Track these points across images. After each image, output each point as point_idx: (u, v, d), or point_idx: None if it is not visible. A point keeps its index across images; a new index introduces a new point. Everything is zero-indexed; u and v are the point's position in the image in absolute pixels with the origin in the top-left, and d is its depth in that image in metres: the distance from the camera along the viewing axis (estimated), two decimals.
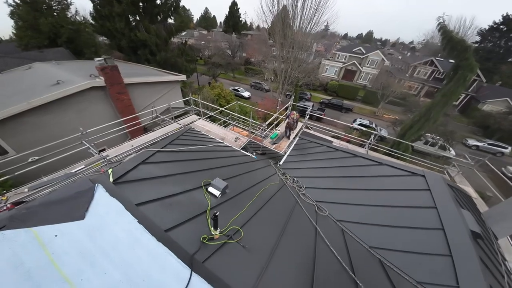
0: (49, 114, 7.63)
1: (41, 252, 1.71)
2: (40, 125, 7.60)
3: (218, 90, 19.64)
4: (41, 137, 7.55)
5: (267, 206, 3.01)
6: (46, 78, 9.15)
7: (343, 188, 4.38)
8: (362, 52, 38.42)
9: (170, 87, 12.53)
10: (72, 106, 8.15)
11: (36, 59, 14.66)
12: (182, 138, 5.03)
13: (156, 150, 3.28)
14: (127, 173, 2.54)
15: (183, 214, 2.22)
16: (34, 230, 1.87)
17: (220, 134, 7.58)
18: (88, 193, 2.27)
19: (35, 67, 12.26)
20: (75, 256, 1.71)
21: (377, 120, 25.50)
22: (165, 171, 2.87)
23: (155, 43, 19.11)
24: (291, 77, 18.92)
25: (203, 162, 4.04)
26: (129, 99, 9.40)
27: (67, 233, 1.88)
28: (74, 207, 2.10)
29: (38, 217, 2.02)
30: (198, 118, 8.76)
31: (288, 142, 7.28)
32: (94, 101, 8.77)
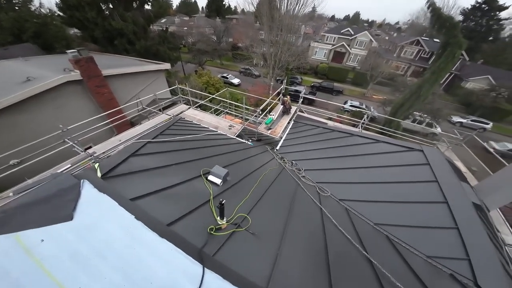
0: (23, 113, 7.00)
1: (27, 258, 1.52)
2: (16, 125, 6.99)
3: (206, 78, 18.83)
4: (21, 139, 6.96)
5: (270, 191, 2.92)
6: (14, 76, 8.27)
7: (342, 167, 4.37)
8: (351, 33, 37.76)
9: (154, 77, 11.82)
10: (48, 103, 7.50)
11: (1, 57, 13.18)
12: (173, 128, 4.76)
13: (146, 141, 3.04)
14: (117, 167, 2.33)
15: (184, 205, 2.06)
16: (16, 235, 1.67)
17: (213, 122, 7.30)
18: (74, 190, 2.04)
19: (0, 66, 11.06)
20: (67, 261, 1.53)
21: (367, 101, 25.76)
22: (158, 162, 2.67)
23: (132, 32, 17.70)
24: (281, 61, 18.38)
25: (198, 151, 3.85)
26: (110, 92, 8.77)
27: (54, 236, 1.68)
28: (60, 207, 1.88)
29: (18, 221, 1.80)
30: (187, 108, 8.37)
31: (283, 127, 7.15)
32: (72, 96, 8.11)
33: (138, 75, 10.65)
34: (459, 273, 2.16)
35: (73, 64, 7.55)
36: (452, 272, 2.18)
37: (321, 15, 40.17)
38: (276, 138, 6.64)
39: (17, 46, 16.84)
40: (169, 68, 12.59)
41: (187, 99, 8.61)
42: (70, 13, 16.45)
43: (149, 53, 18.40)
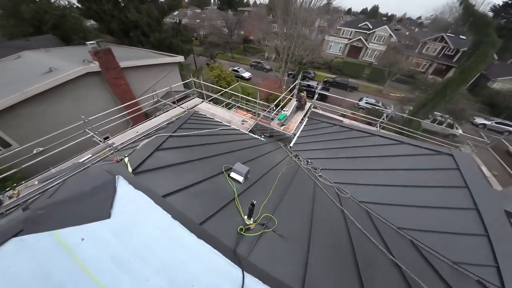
0: (45, 103, 7.29)
1: (70, 259, 1.46)
2: (38, 115, 7.30)
3: (217, 71, 18.72)
4: (41, 128, 7.30)
5: (290, 190, 2.85)
6: (38, 67, 8.59)
7: (361, 168, 4.21)
8: (369, 27, 35.93)
9: (168, 69, 11.89)
10: (68, 94, 7.75)
11: (23, 48, 13.75)
12: (190, 122, 4.76)
13: (168, 135, 3.03)
14: (144, 162, 2.29)
15: (211, 203, 2.01)
16: (56, 234, 1.61)
17: (226, 117, 7.26)
18: (109, 186, 1.96)
19: (24, 56, 11.55)
20: (109, 263, 1.46)
21: (384, 98, 24.65)
22: (181, 157, 2.65)
23: (147, 24, 17.81)
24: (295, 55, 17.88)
25: (215, 146, 3.82)
26: (127, 84, 8.92)
27: (94, 235, 1.62)
28: (97, 204, 1.83)
29: (57, 218, 1.75)
30: (201, 101, 8.36)
31: (297, 123, 6.99)
32: (91, 87, 8.32)
33: (153, 68, 10.75)
34: (487, 280, 2.05)
35: (92, 56, 7.71)
36: (479, 279, 2.09)
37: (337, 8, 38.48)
38: (289, 135, 6.51)
39: (38, 38, 17.50)
40: (182, 60, 12.61)
41: (201, 92, 8.59)
42: (88, 5, 16.76)
43: (162, 46, 18.51)
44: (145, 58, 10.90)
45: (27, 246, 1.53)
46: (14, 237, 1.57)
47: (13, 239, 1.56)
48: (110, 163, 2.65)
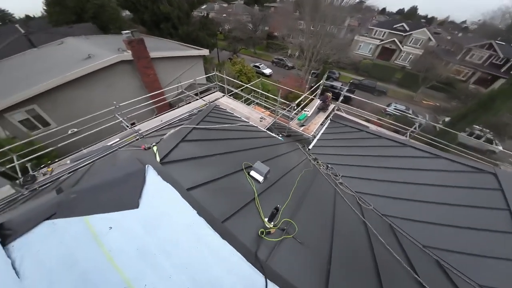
0: (82, 88, 7.89)
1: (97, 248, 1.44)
2: (75, 99, 7.94)
3: (239, 66, 18.79)
4: (77, 111, 7.95)
5: (309, 195, 2.76)
6: (78, 53, 9.31)
7: (387, 180, 3.93)
8: (405, 29, 33.22)
9: (194, 62, 12.19)
10: (102, 80, 8.31)
11: (66, 35, 15.04)
12: (211, 115, 4.83)
13: (192, 127, 3.08)
14: (170, 152, 2.29)
15: (232, 202, 1.98)
16: (86, 220, 1.60)
17: (245, 113, 7.25)
18: (139, 175, 1.91)
19: (67, 42, 12.60)
20: (134, 255, 1.43)
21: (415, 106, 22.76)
22: (203, 150, 2.68)
23: (177, 16, 18.37)
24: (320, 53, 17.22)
25: (234, 142, 3.83)
26: (155, 74, 9.33)
27: (121, 225, 1.58)
28: (126, 193, 1.79)
29: (88, 204, 1.74)
30: (222, 95, 8.44)
31: (318, 125, 6.74)
32: (123, 75, 8.84)
33: (180, 60, 11.08)
34: None
35: (126, 45, 8.15)
36: None
37: (370, 7, 35.93)
38: (308, 137, 6.31)
39: (80, 25, 18.97)
40: (207, 54, 12.84)
41: (223, 87, 8.68)
42: None
43: (189, 39, 18.98)
44: (173, 49, 11.29)
45: (58, 231, 1.54)
46: (47, 220, 1.59)
47: (45, 222, 1.57)
48: (137, 149, 2.76)
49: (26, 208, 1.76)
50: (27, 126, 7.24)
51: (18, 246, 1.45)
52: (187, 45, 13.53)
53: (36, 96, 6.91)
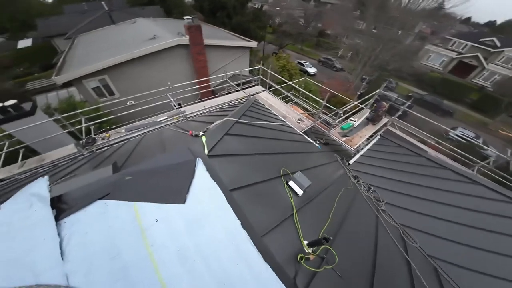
0: (144, 65, 8.80)
1: (141, 241, 1.35)
2: (136, 74, 8.92)
3: (283, 62, 18.30)
4: (136, 85, 8.96)
5: (348, 219, 2.47)
6: (146, 33, 10.33)
7: (441, 217, 3.30)
8: (495, 44, 27.02)
9: (241, 53, 12.34)
10: (161, 61, 9.10)
11: (139, 15, 16.97)
12: (250, 109, 4.77)
13: (235, 121, 3.06)
14: (216, 145, 2.19)
15: (271, 214, 1.83)
16: (136, 207, 1.52)
17: (282, 111, 7.00)
18: (189, 168, 1.78)
19: (138, 22, 14.12)
20: (174, 255, 1.33)
21: (488, 135, 18.68)
22: (243, 147, 2.61)
23: (233, 6, 18.80)
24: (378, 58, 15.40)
25: (270, 142, 3.68)
26: (206, 61, 9.77)
27: (166, 219, 1.47)
28: (175, 185, 1.68)
29: (139, 189, 1.65)
30: (262, 90, 8.34)
31: (364, 138, 6.07)
32: (178, 58, 9.53)
33: (228, 49, 11.35)
34: None
35: (186, 30, 8.68)
36: None
37: (450, 14, 29.84)
38: (349, 149, 5.75)
39: (149, 7, 21.15)
40: (255, 46, 12.83)
41: (265, 81, 8.56)
42: None
43: (240, 29, 19.31)
44: (224, 38, 11.59)
45: (109, 213, 1.50)
46: (100, 199, 1.56)
47: (99, 202, 1.55)
48: (184, 133, 2.87)
49: (82, 181, 1.80)
50: (97, 93, 8.51)
51: (69, 224, 1.44)
52: (238, 36, 13.72)
53: (108, 68, 8.00)
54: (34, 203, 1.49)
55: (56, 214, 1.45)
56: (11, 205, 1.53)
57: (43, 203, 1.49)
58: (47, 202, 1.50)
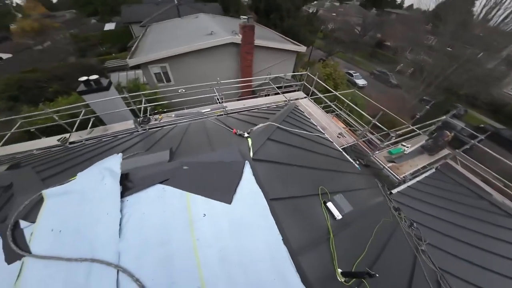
0: (199, 58, 9.51)
1: (188, 233, 1.36)
2: (190, 66, 9.69)
3: (330, 70, 17.37)
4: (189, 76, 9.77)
5: (384, 253, 2.16)
6: (205, 28, 11.13)
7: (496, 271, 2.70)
8: None
9: (287, 56, 12.21)
10: (213, 56, 9.70)
11: (201, 10, 18.48)
12: (290, 116, 4.63)
13: (276, 126, 3.00)
14: (259, 149, 2.15)
15: (307, 233, 1.71)
16: (188, 197, 1.55)
17: (322, 121, 6.60)
18: (238, 168, 1.80)
19: (200, 17, 15.33)
20: (216, 255, 1.30)
21: None
22: (282, 155, 2.54)
23: (287, 9, 18.78)
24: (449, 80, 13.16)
25: (307, 154, 3.47)
26: (252, 60, 9.99)
27: (213, 216, 1.47)
28: (224, 183, 1.69)
29: (192, 181, 1.68)
30: (304, 96, 8.03)
31: (414, 168, 5.28)
32: (227, 55, 10.00)
33: (275, 51, 11.34)
34: None
35: (240, 28, 9.03)
36: None
37: None
38: (394, 178, 5.07)
39: (210, 4, 22.79)
40: (303, 51, 12.53)
41: (306, 87, 8.23)
42: None
43: (291, 32, 19.16)
44: (274, 40, 11.64)
45: (165, 198, 1.54)
46: (160, 183, 1.62)
47: (158, 185, 1.60)
48: (228, 129, 2.93)
49: (143, 161, 1.92)
50: (157, 78, 9.61)
51: (131, 202, 1.50)
52: (287, 39, 13.62)
53: (170, 57, 8.93)
54: (106, 177, 1.64)
55: (121, 191, 1.56)
56: (86, 175, 1.71)
57: (114, 178, 1.62)
58: (118, 178, 1.62)
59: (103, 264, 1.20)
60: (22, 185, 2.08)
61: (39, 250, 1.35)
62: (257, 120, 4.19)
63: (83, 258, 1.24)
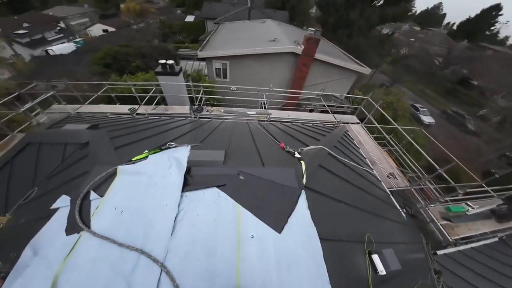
0: (258, 62, 9.92)
1: (234, 252, 1.30)
2: (249, 67, 10.17)
3: (393, 98, 15.55)
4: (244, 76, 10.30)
5: None
6: (269, 34, 11.50)
7: None
8: None
9: (346, 75, 11.50)
10: (271, 62, 9.98)
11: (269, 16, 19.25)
12: (340, 141, 4.30)
13: (327, 152, 2.79)
14: (311, 176, 1.97)
15: (346, 282, 1.53)
16: (239, 211, 1.49)
17: (372, 155, 5.90)
18: (293, 196, 1.65)
19: (267, 22, 15.96)
20: (258, 285, 1.21)
21: None
22: (331, 188, 2.29)
23: (359, 27, 17.80)
24: None
25: (354, 191, 3.11)
26: (307, 73, 9.83)
27: (261, 240, 1.36)
28: (276, 209, 1.57)
29: (246, 194, 1.62)
30: (356, 122, 7.37)
31: (475, 232, 4.26)
32: (284, 64, 10.12)
33: (334, 68, 10.83)
34: None
35: (304, 40, 9.00)
36: None
37: None
38: (444, 237, 4.17)
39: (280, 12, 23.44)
40: (367, 73, 11.63)
41: (363, 113, 7.52)
42: None
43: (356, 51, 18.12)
44: (336, 57, 11.15)
45: (219, 204, 1.51)
46: (217, 187, 1.60)
47: (215, 189, 1.59)
48: (275, 141, 2.83)
49: (200, 156, 1.96)
50: (216, 73, 10.50)
51: (188, 199, 1.51)
52: (351, 57, 12.87)
53: (233, 56, 9.60)
54: (173, 166, 1.73)
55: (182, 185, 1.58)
56: (157, 159, 1.81)
57: (180, 170, 1.69)
58: (183, 171, 1.67)
59: (150, 259, 1.20)
60: (97, 148, 2.36)
61: (98, 226, 1.39)
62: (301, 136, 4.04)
63: (134, 247, 1.25)
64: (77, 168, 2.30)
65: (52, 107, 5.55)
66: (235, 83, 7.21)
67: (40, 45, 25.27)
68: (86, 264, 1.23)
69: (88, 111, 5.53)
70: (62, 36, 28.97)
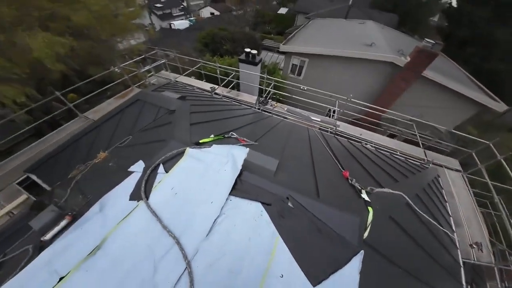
0: (342, 65, 8.84)
1: (258, 282, 1.23)
2: (331, 69, 9.20)
3: None
4: (321, 77, 9.49)
5: None
6: (367, 37, 9.89)
7: None
8: None
9: (461, 105, 8.54)
10: (357, 68, 8.65)
11: (371, 18, 16.58)
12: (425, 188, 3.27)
13: (405, 202, 2.03)
14: (376, 231, 1.60)
15: None
16: (276, 242, 1.35)
17: (462, 215, 4.27)
18: (345, 252, 1.38)
19: (366, 24, 13.77)
20: None
21: None
22: (394, 249, 1.76)
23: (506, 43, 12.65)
24: None
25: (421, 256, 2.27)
26: (404, 90, 7.96)
27: (289, 284, 1.22)
28: (320, 258, 1.35)
29: (289, 225, 1.45)
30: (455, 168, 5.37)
31: None
32: (374, 73, 8.56)
33: (446, 92, 8.20)
34: None
35: (414, 51, 7.18)
36: None
37: None
38: None
39: (387, 14, 19.88)
40: (496, 109, 8.29)
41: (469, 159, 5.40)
42: None
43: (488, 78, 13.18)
44: (455, 81, 8.31)
45: (258, 225, 1.42)
46: (262, 204, 1.50)
47: (259, 205, 1.50)
48: (340, 169, 2.37)
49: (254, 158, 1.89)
50: (291, 69, 10.18)
51: (232, 204, 1.46)
52: (478, 84, 9.42)
53: (314, 54, 8.95)
54: (229, 163, 1.71)
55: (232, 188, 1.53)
56: (218, 151, 1.83)
57: (233, 170, 1.65)
58: (236, 173, 1.63)
59: (181, 253, 1.20)
60: (178, 118, 2.63)
61: (154, 200, 1.43)
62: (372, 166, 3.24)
63: (173, 234, 1.27)
64: (161, 132, 2.65)
65: (161, 72, 6.85)
66: (307, 83, 6.69)
67: (167, 18, 32.03)
68: (132, 235, 1.28)
69: (183, 82, 6.60)
70: (182, 14, 35.75)
